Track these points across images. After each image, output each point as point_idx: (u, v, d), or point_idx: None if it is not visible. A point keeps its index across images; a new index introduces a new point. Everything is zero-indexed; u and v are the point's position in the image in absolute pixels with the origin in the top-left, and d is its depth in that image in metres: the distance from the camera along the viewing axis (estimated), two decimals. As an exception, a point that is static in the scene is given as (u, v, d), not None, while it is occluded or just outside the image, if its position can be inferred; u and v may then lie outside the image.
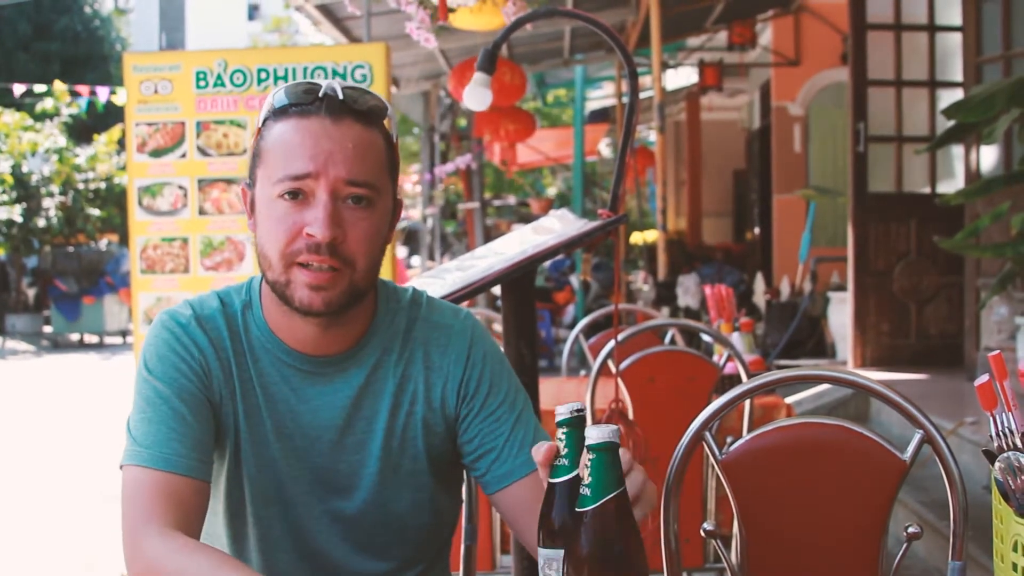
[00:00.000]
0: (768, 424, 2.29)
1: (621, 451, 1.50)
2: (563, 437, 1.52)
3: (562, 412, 1.53)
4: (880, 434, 2.21)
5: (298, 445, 2.01)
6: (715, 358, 4.43)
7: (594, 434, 1.41)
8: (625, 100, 14.82)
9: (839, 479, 2.21)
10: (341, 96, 1.91)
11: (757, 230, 16.73)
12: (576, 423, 1.50)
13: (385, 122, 1.99)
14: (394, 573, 2.06)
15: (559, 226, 3.05)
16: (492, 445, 2.04)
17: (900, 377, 8.39)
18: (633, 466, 1.59)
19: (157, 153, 5.66)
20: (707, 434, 2.24)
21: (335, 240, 1.87)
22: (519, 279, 2.88)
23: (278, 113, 1.93)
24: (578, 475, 1.48)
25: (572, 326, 13.12)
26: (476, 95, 3.33)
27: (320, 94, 1.91)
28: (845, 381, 2.36)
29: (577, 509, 1.42)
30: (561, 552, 1.46)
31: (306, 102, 1.91)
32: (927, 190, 9.38)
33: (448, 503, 2.17)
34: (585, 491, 1.41)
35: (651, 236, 17.00)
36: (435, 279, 2.93)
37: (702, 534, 2.23)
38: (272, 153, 1.91)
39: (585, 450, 1.43)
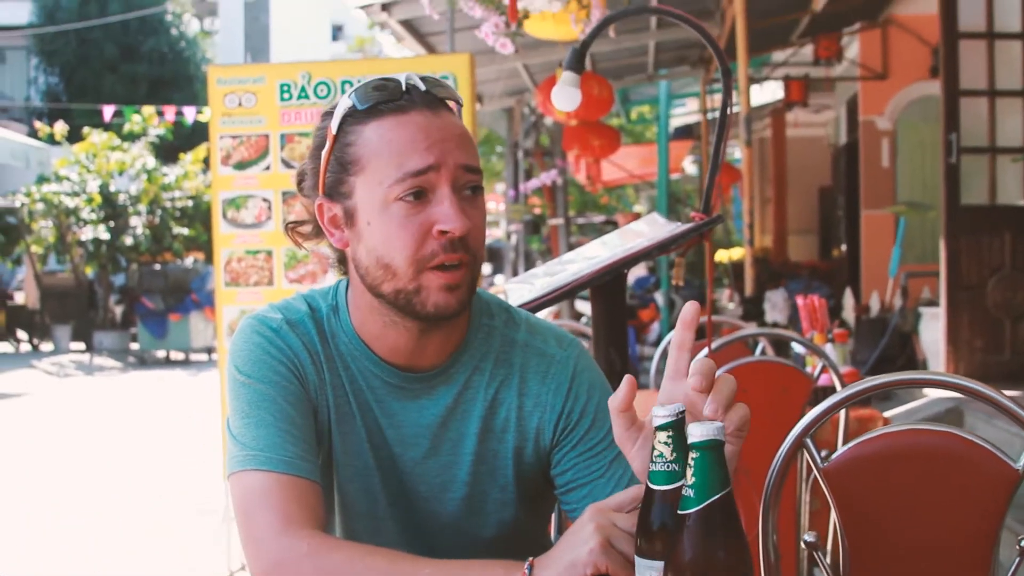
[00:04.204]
0: (871, 431, 2.19)
1: (721, 392, 1.43)
2: (668, 441, 1.38)
3: (663, 414, 1.39)
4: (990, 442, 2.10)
5: (384, 458, 1.92)
6: (808, 370, 4.32)
7: (698, 431, 1.30)
8: (710, 116, 14.72)
9: (948, 488, 2.11)
10: (423, 87, 1.81)
11: (844, 247, 16.50)
12: (682, 425, 1.37)
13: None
14: None
15: (648, 231, 2.96)
16: (586, 480, 1.90)
17: (995, 394, 8.14)
18: (734, 402, 1.51)
19: (241, 166, 5.63)
20: (808, 441, 2.15)
21: (467, 233, 1.77)
22: (609, 283, 2.79)
23: (366, 115, 1.80)
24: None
25: (657, 344, 12.99)
26: (565, 95, 3.25)
27: (404, 87, 1.80)
28: (955, 386, 2.25)
29: (680, 512, 1.31)
30: (661, 563, 1.35)
31: (395, 97, 1.79)
32: (1022, 202, 9.16)
33: (534, 527, 2.06)
34: (688, 492, 1.30)
35: (736, 254, 16.84)
36: (523, 284, 2.86)
37: (802, 546, 2.14)
38: (377, 156, 1.78)
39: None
